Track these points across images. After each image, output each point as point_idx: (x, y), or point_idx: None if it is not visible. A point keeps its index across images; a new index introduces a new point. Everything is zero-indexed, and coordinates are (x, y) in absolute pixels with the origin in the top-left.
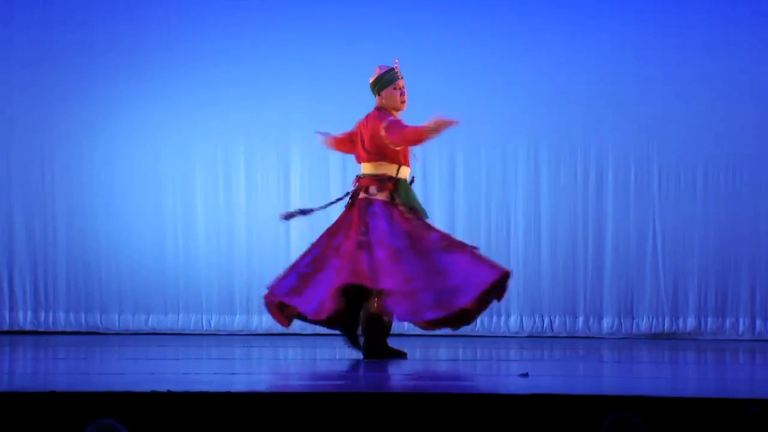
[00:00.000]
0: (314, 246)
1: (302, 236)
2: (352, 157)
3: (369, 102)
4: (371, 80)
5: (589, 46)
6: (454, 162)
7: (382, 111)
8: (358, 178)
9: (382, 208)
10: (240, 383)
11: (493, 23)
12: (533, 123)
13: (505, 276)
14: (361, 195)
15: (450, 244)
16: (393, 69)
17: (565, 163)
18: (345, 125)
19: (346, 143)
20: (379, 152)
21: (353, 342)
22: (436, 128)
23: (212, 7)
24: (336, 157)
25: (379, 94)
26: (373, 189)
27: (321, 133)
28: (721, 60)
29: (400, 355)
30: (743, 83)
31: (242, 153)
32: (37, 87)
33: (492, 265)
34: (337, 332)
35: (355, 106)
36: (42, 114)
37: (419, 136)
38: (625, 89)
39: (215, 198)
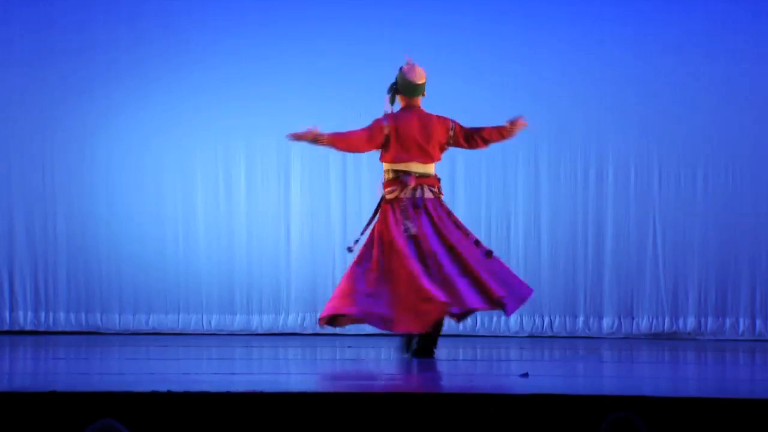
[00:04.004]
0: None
1: (302, 236)
2: (353, 157)
3: (369, 102)
4: (425, 80)
5: (590, 47)
6: (455, 162)
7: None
8: (420, 177)
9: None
10: (240, 383)
11: (493, 23)
12: (533, 123)
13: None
14: (431, 195)
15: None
16: None
17: (565, 163)
18: (344, 125)
19: (365, 137)
20: (436, 152)
21: (410, 345)
22: (510, 132)
23: (212, 7)
24: (336, 157)
25: (424, 94)
26: (437, 190)
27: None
28: (721, 60)
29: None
30: (743, 83)
31: (242, 153)
32: (37, 87)
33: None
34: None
35: (355, 107)
36: (42, 114)
37: (500, 137)
38: (625, 90)
39: (216, 198)
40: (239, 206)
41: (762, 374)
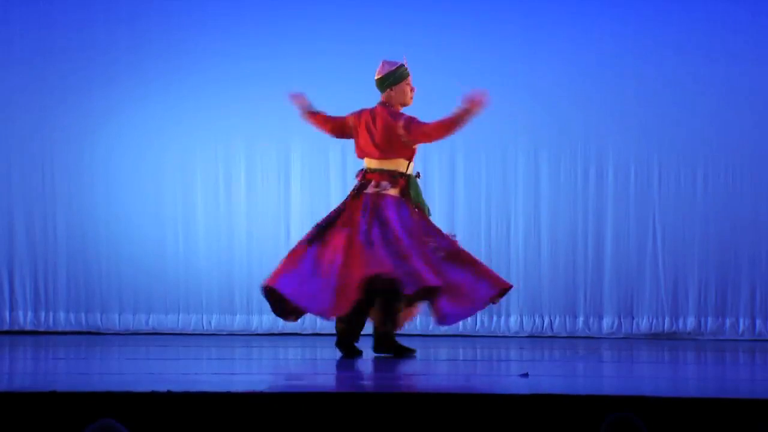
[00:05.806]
0: (310, 243)
1: (302, 236)
2: (352, 157)
3: (369, 103)
4: (381, 75)
5: (590, 47)
6: (454, 162)
7: (389, 107)
8: (365, 172)
9: (394, 203)
10: (240, 383)
11: (493, 23)
12: (533, 123)
13: (505, 291)
14: (371, 190)
15: (449, 255)
16: (404, 65)
17: (565, 163)
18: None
19: (329, 125)
20: (391, 148)
21: (351, 347)
22: (467, 113)
23: (212, 7)
24: (336, 156)
25: (390, 89)
26: (385, 184)
27: (296, 96)
28: (721, 60)
29: (410, 352)
30: (743, 84)
31: (242, 153)
32: (37, 87)
33: (492, 280)
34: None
35: (355, 107)
36: (42, 114)
37: (449, 129)
38: (625, 90)
39: (215, 198)
40: (239, 206)
41: (762, 374)
